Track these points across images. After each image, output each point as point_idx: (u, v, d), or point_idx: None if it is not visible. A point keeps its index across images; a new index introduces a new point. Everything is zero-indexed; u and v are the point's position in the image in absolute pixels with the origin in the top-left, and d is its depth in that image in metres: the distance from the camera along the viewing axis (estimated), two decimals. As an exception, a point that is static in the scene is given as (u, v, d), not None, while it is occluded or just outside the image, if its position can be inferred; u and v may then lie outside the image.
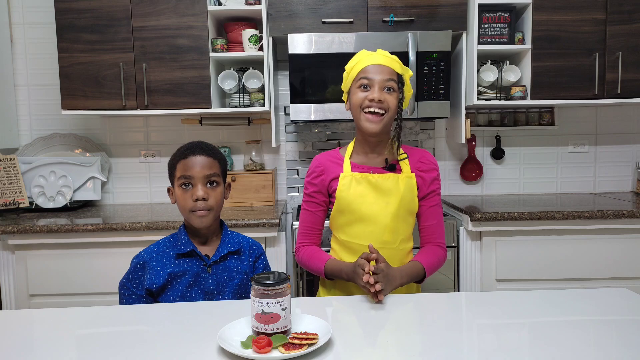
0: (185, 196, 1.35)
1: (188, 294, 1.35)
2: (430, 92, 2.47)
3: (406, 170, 1.49)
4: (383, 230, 1.45)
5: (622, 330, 1.08)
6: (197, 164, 1.35)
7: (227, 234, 1.45)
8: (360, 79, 1.44)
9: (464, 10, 2.48)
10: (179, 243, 1.38)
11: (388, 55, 1.47)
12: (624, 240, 2.33)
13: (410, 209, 1.50)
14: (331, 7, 2.46)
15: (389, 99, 1.43)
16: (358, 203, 1.46)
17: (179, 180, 1.37)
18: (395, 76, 1.45)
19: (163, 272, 1.35)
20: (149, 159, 2.91)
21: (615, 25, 2.49)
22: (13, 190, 2.55)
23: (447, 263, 2.36)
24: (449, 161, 2.96)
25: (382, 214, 1.45)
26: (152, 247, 1.42)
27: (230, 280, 1.40)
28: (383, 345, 1.03)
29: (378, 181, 1.46)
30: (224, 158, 1.44)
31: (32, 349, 1.04)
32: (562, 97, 2.54)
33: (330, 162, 1.54)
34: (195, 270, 1.37)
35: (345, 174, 1.48)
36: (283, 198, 2.95)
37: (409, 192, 1.47)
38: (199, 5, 2.45)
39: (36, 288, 2.26)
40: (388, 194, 1.46)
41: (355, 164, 1.52)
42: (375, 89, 1.42)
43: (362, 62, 1.46)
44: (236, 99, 2.63)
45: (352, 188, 1.47)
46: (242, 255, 1.44)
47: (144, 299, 1.37)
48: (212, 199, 1.36)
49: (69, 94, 2.49)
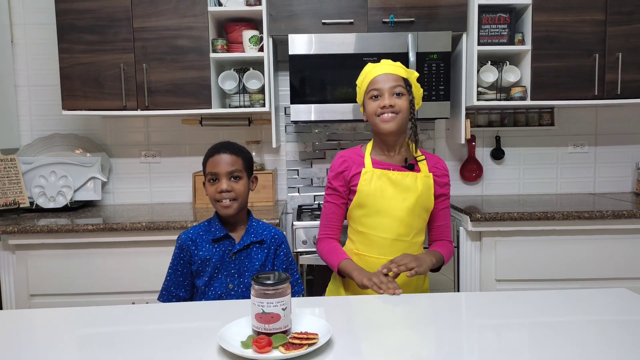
0: (212, 189, 1.54)
1: (215, 275, 1.53)
2: (430, 92, 2.47)
3: (424, 170, 1.59)
4: (399, 223, 1.55)
5: (622, 330, 1.08)
6: (222, 162, 1.53)
7: (253, 224, 1.60)
8: (370, 90, 1.57)
9: (464, 11, 2.49)
10: (213, 229, 1.57)
11: (391, 62, 1.59)
12: (623, 241, 2.33)
13: (426, 206, 1.59)
14: (331, 7, 2.47)
15: (399, 102, 1.54)
16: (377, 197, 1.55)
17: (208, 176, 1.55)
18: (401, 81, 1.55)
19: (199, 256, 1.54)
20: (150, 159, 2.91)
21: (615, 26, 2.49)
22: (13, 190, 2.55)
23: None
24: (449, 161, 2.96)
25: (398, 208, 1.54)
26: (191, 230, 1.59)
27: (251, 266, 1.55)
28: (383, 345, 1.03)
29: (398, 178, 1.56)
30: (247, 155, 1.59)
31: (32, 349, 1.04)
32: (562, 98, 2.54)
33: (352, 158, 1.63)
34: (221, 255, 1.54)
35: (367, 170, 1.58)
36: (283, 198, 2.95)
37: (426, 190, 1.57)
38: (200, 6, 2.45)
39: (36, 288, 2.26)
40: (406, 190, 1.55)
41: (376, 160, 1.61)
42: (385, 96, 1.54)
43: (369, 74, 1.58)
44: (236, 99, 2.64)
45: (373, 183, 1.56)
46: (264, 244, 1.58)
47: (188, 277, 1.57)
48: (235, 191, 1.53)
49: (70, 94, 2.49)
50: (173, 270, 1.57)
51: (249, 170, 1.58)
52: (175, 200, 2.93)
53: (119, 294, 2.25)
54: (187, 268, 1.56)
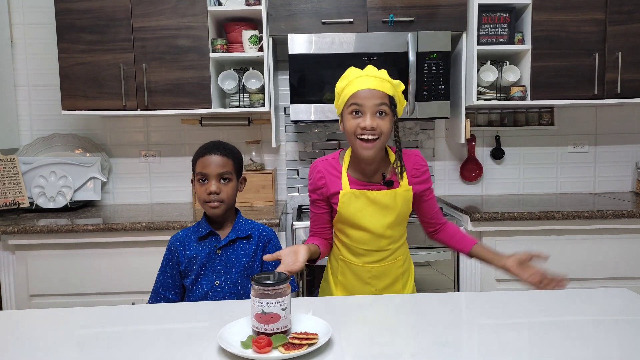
0: (202, 189, 1.54)
1: (202, 272, 1.54)
2: (430, 92, 2.47)
3: (404, 184, 1.53)
4: (379, 237, 1.53)
5: (621, 330, 1.08)
6: (212, 163, 1.52)
7: (240, 222, 1.60)
8: (351, 104, 1.43)
9: (464, 10, 2.49)
10: (200, 228, 1.58)
11: (378, 75, 1.44)
12: (623, 240, 2.33)
13: (405, 216, 1.57)
14: (331, 7, 2.47)
15: (381, 124, 1.42)
16: (357, 217, 1.52)
17: (197, 176, 1.55)
18: (386, 99, 1.43)
19: (186, 256, 1.56)
20: (149, 159, 2.91)
21: (615, 26, 2.49)
22: (13, 190, 2.55)
23: (447, 263, 2.36)
24: (449, 161, 2.96)
25: (378, 224, 1.52)
26: (180, 232, 1.62)
27: (238, 262, 1.55)
28: (383, 345, 1.03)
29: (377, 197, 1.51)
30: (238, 156, 1.60)
31: (32, 349, 1.04)
32: (561, 97, 2.54)
33: (330, 174, 1.55)
34: (207, 252, 1.55)
35: (345, 192, 1.51)
36: (283, 198, 2.95)
37: (405, 204, 1.54)
38: (199, 5, 2.45)
39: (36, 288, 2.26)
40: (385, 207, 1.52)
41: (354, 179, 1.54)
42: (367, 116, 1.41)
43: (352, 85, 1.44)
44: (236, 99, 2.63)
45: (352, 204, 1.51)
46: (252, 240, 1.58)
47: (176, 279, 1.58)
48: (224, 193, 1.53)
49: (69, 94, 2.49)
50: (162, 272, 1.58)
51: (238, 172, 1.59)
52: (175, 200, 2.93)
53: (119, 294, 2.25)
54: (176, 269, 1.57)
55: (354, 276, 1.57)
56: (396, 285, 1.59)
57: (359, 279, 1.56)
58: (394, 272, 1.57)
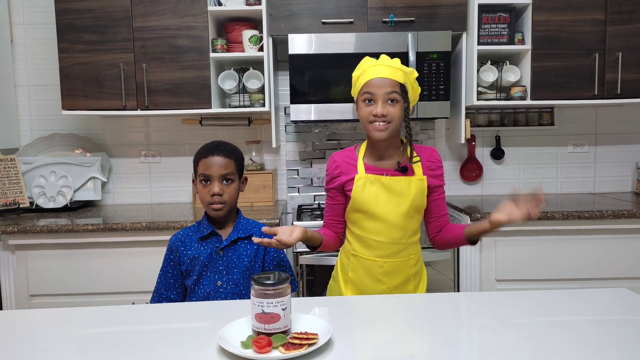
0: (204, 191, 1.53)
1: (204, 273, 1.53)
2: (430, 92, 2.47)
3: (418, 172, 1.56)
4: (394, 228, 1.54)
5: (622, 330, 1.09)
6: (215, 164, 1.52)
7: (241, 222, 1.60)
8: (364, 92, 1.51)
9: (464, 10, 2.49)
10: (202, 228, 1.57)
11: (391, 64, 1.51)
12: (623, 240, 2.33)
13: (419, 208, 1.58)
14: (331, 7, 2.47)
15: (392, 110, 1.49)
16: (371, 204, 1.53)
17: (200, 177, 1.54)
18: (397, 87, 1.49)
19: (188, 256, 1.55)
20: (149, 159, 2.91)
21: (615, 26, 2.49)
22: (13, 190, 2.55)
23: (447, 263, 2.36)
24: (449, 161, 2.96)
25: (393, 213, 1.53)
26: (181, 232, 1.61)
27: (240, 262, 1.55)
28: (383, 345, 1.03)
29: (391, 183, 1.54)
30: (240, 156, 1.60)
31: (32, 349, 1.04)
32: (562, 98, 2.54)
33: (346, 162, 1.60)
34: (209, 252, 1.54)
35: (360, 176, 1.55)
36: (283, 198, 2.95)
37: (419, 194, 1.55)
38: (199, 5, 2.45)
39: (36, 288, 2.26)
40: (400, 195, 1.53)
41: (369, 165, 1.58)
42: (379, 103, 1.48)
43: (365, 74, 1.51)
44: (236, 99, 2.63)
45: (367, 189, 1.54)
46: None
47: (178, 279, 1.58)
48: (227, 194, 1.53)
49: (69, 94, 2.49)
50: (163, 272, 1.57)
51: (240, 172, 1.59)
52: (175, 200, 2.93)
53: (119, 294, 2.25)
54: (177, 269, 1.56)
55: (366, 272, 1.57)
56: (408, 286, 1.58)
57: (371, 275, 1.56)
58: (405, 271, 1.57)
